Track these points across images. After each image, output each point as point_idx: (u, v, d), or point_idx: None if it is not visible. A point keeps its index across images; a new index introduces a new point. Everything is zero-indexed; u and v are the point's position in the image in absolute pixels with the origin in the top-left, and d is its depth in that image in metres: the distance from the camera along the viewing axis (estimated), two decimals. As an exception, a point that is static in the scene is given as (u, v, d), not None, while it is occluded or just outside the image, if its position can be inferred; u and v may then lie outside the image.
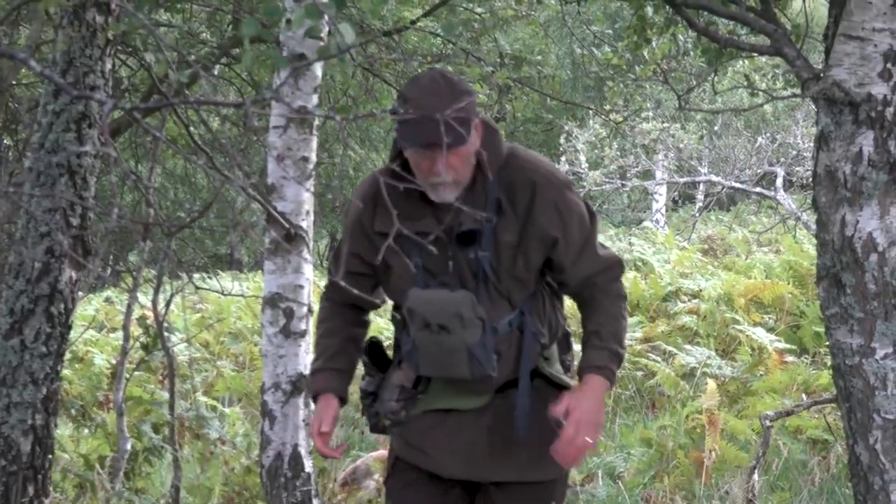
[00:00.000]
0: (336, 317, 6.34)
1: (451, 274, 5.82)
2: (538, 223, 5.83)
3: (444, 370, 5.93)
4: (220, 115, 12.53)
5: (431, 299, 5.78)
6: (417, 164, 5.57)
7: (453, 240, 5.76)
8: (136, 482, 13.01)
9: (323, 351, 6.26)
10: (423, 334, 5.84)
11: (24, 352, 9.20)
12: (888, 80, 6.44)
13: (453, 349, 5.80)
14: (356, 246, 5.97)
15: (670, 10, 8.39)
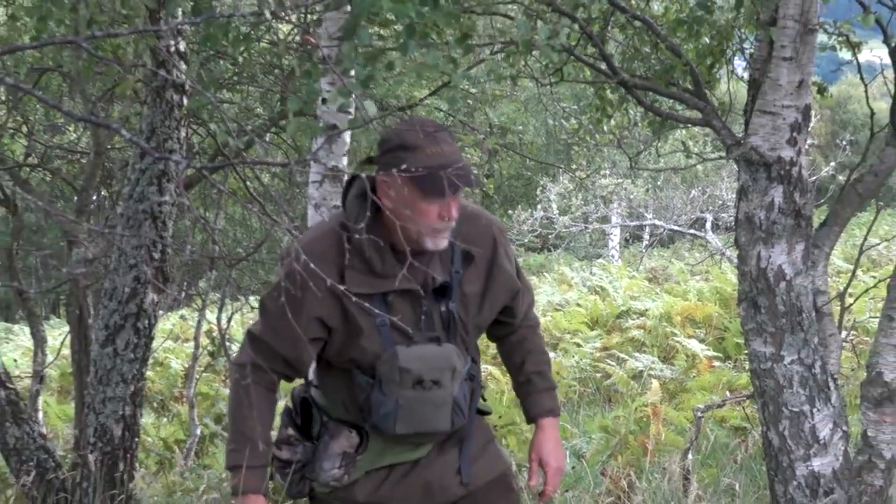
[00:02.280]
0: (263, 401, 4.98)
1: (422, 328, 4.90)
2: (503, 273, 5.10)
3: (427, 426, 4.96)
4: (270, 173, 12.52)
5: (425, 356, 4.85)
6: (424, 212, 4.63)
7: (429, 294, 4.89)
8: (204, 460, 13.01)
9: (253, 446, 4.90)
10: (411, 392, 4.86)
11: (116, 357, 9.21)
12: (794, 145, 6.48)
13: (442, 403, 4.94)
14: (318, 310, 4.80)
15: (624, 91, 8.39)
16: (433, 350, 4.86)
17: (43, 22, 7.66)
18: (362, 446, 5.05)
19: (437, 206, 4.63)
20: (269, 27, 9.98)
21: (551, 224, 37.23)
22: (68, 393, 16.79)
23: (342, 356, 4.93)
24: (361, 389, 4.92)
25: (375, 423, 4.90)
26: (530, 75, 9.72)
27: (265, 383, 4.95)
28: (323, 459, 5.05)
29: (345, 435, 5.05)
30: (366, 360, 4.86)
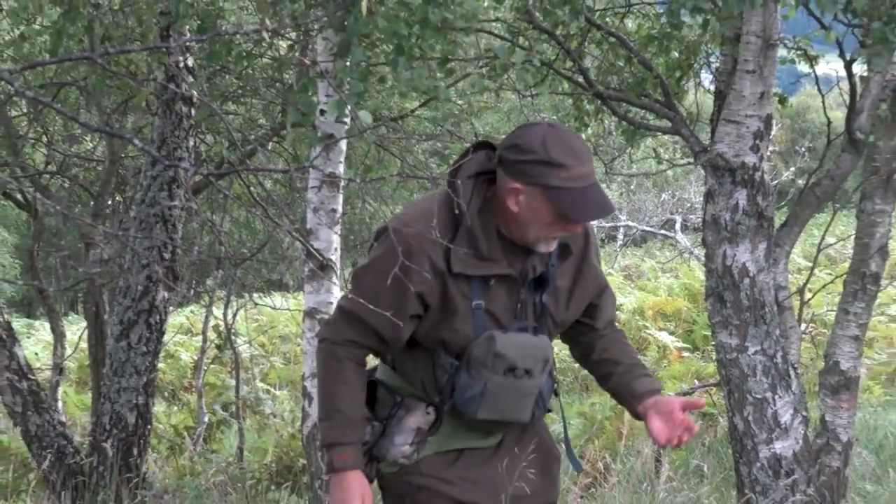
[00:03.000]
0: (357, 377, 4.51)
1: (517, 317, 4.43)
2: (591, 270, 4.66)
3: (509, 414, 4.53)
4: (272, 179, 12.49)
5: (521, 344, 4.40)
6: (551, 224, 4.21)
7: (527, 283, 4.44)
8: (212, 445, 13.02)
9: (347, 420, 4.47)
10: (502, 379, 4.39)
11: (130, 350, 9.22)
12: (756, 152, 6.50)
13: (528, 393, 4.53)
14: (420, 286, 4.30)
15: (599, 102, 8.39)
16: (529, 339, 4.46)
17: (58, 36, 7.64)
18: (436, 426, 4.62)
19: (566, 222, 4.23)
20: (270, 44, 9.98)
21: (532, 226, 37.37)
22: (86, 384, 16.76)
23: (431, 336, 4.47)
24: (444, 371, 4.52)
25: (459, 405, 4.51)
26: (513, 88, 9.71)
27: (357, 358, 4.53)
28: (395, 434, 4.62)
29: (421, 411, 4.61)
30: (456, 341, 4.42)
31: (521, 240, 4.32)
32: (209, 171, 10.53)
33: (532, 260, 4.40)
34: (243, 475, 10.18)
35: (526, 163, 4.14)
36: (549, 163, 4.09)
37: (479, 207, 4.31)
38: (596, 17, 8.47)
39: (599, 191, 4.15)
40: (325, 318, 4.77)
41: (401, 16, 5.60)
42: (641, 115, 8.76)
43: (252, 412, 14.69)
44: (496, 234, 4.32)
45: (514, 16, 8.47)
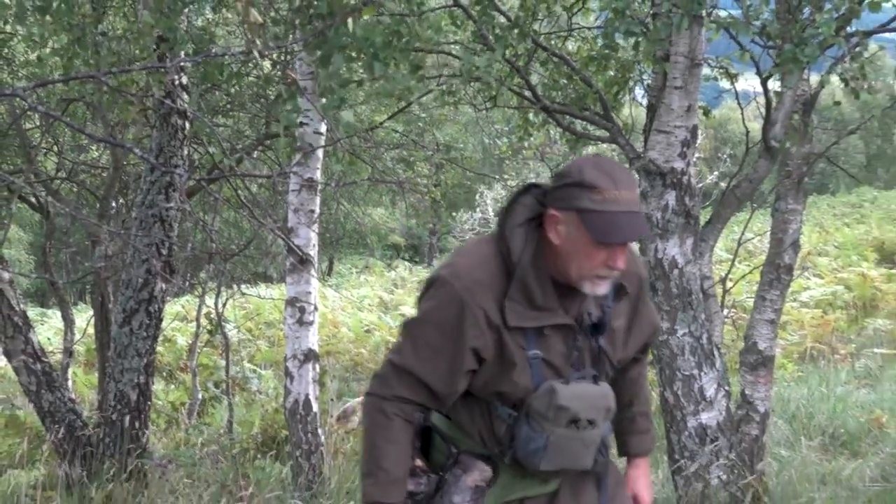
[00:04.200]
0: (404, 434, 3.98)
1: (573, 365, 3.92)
2: (647, 309, 4.21)
3: (571, 464, 4.00)
4: (257, 183, 12.47)
5: (583, 395, 3.89)
6: (590, 255, 3.72)
7: (583, 329, 3.92)
8: (205, 419, 12.99)
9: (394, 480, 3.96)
10: (565, 430, 3.88)
11: (132, 335, 9.20)
12: (684, 158, 6.53)
13: (592, 442, 3.99)
14: (475, 341, 3.80)
15: (545, 115, 8.40)
16: (591, 389, 3.92)
17: (70, 61, 7.70)
18: (493, 479, 4.08)
19: (605, 252, 3.70)
20: (256, 64, 9.97)
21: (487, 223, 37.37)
22: (93, 365, 16.72)
23: (488, 388, 3.94)
24: (502, 422, 3.97)
25: (520, 457, 3.96)
26: (469, 102, 9.72)
27: (406, 415, 3.99)
28: (453, 493, 4.06)
29: (479, 468, 4.06)
30: (515, 393, 3.89)
31: (566, 278, 3.80)
32: (201, 176, 10.56)
33: (587, 305, 3.91)
34: (232, 445, 10.17)
35: (562, 188, 3.74)
36: (581, 184, 3.67)
37: (532, 255, 3.81)
38: (541, 39, 8.47)
39: (633, 217, 3.66)
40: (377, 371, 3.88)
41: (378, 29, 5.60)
42: (583, 126, 8.77)
43: (240, 389, 14.67)
44: (550, 281, 3.82)
45: (470, 38, 8.48)
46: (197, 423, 12.59)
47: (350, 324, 20.42)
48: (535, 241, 3.80)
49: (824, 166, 50.62)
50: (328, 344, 18.22)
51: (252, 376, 15.47)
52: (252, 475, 8.58)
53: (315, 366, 8.38)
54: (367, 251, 40.49)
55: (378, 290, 28.58)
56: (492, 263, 3.83)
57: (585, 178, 3.64)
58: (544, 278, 3.79)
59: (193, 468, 9.03)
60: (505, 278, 3.80)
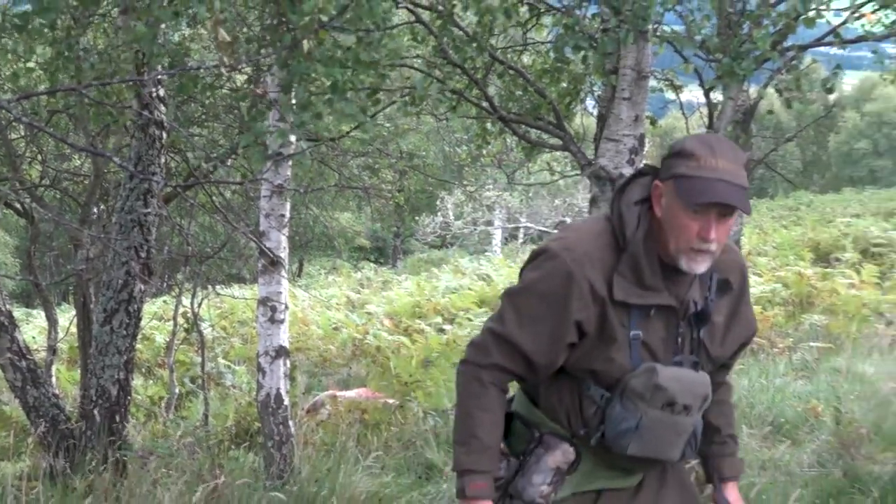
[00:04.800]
0: (499, 404, 3.79)
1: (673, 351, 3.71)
2: (747, 308, 3.92)
3: (660, 451, 3.75)
4: (230, 190, 12.44)
5: (683, 378, 3.66)
6: (685, 226, 3.52)
7: (688, 317, 3.71)
8: (182, 412, 12.95)
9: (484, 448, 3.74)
10: (659, 413, 3.65)
11: (112, 334, 9.17)
12: (632, 165, 6.55)
13: (684, 430, 3.74)
14: (579, 313, 3.62)
15: (502, 124, 8.41)
16: (691, 374, 3.69)
17: (54, 75, 7.68)
18: (575, 464, 3.86)
19: (698, 221, 3.48)
20: (228, 78, 9.96)
21: (448, 227, 37.57)
22: (75, 362, 16.61)
23: (583, 364, 3.72)
24: (593, 402, 3.75)
25: (609, 438, 3.72)
26: (430, 112, 9.72)
27: (502, 385, 3.79)
28: (533, 473, 3.84)
29: (562, 449, 3.83)
30: (610, 371, 3.68)
31: (667, 256, 3.59)
32: (178, 183, 10.54)
33: (693, 293, 3.69)
34: (208, 437, 10.13)
35: (666, 159, 3.61)
36: (681, 153, 3.52)
37: (645, 233, 3.62)
38: (498, 53, 8.48)
39: (727, 185, 3.43)
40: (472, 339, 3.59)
41: (336, 56, 5.59)
42: (537, 135, 8.78)
43: (215, 384, 14.61)
44: (658, 261, 3.63)
45: (431, 52, 8.49)
46: (174, 416, 12.55)
47: (319, 322, 20.37)
48: (648, 220, 3.63)
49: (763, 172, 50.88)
50: (298, 341, 18.18)
51: (226, 372, 15.41)
52: (226, 465, 8.56)
53: (286, 361, 8.38)
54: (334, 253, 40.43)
55: (345, 289, 28.52)
56: (602, 238, 3.67)
57: (685, 148, 3.51)
58: (653, 257, 3.61)
59: (171, 459, 8.99)
60: (615, 253, 3.63)
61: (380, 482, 7.50)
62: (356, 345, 17.99)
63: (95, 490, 7.76)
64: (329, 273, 39.93)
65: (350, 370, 16.30)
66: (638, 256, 3.58)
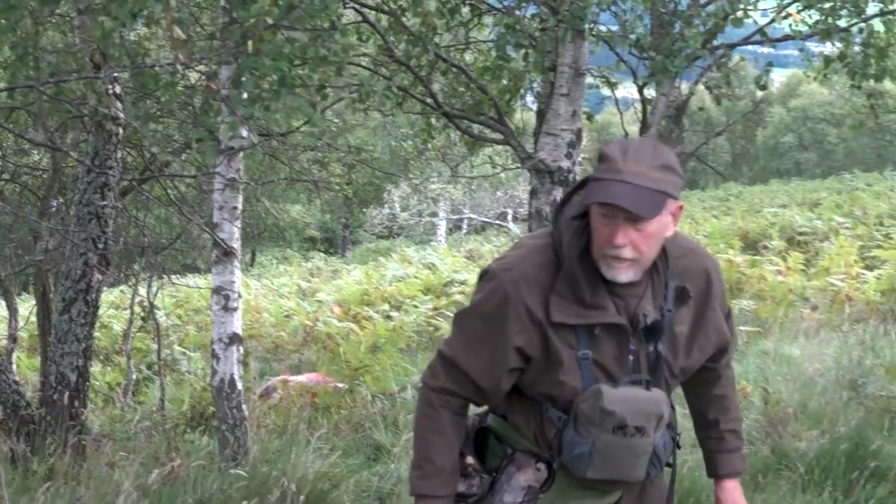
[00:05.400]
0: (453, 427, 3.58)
1: (626, 369, 3.40)
2: (713, 313, 3.56)
3: (621, 474, 3.48)
4: (185, 183, 12.37)
5: (632, 399, 3.37)
6: (597, 231, 3.25)
7: (638, 332, 3.39)
8: (139, 398, 12.89)
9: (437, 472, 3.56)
10: (611, 437, 3.37)
11: (71, 322, 9.09)
12: (570, 158, 6.57)
13: (642, 451, 3.44)
14: (518, 338, 3.37)
15: (446, 120, 8.41)
16: (641, 394, 3.39)
17: (12, 73, 7.62)
18: (548, 483, 3.61)
19: (607, 226, 3.20)
20: (183, 75, 9.91)
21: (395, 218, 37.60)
22: (35, 350, 16.49)
23: (536, 388, 3.48)
24: (552, 424, 3.50)
25: (566, 463, 3.48)
26: (377, 108, 9.70)
27: (454, 408, 3.59)
28: (504, 492, 3.62)
29: (532, 467, 3.60)
30: (562, 395, 3.42)
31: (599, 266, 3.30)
32: (134, 177, 10.48)
33: (645, 305, 3.38)
34: (164, 421, 10.09)
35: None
36: (600, 157, 3.27)
37: (583, 249, 3.33)
38: (442, 51, 8.48)
39: (626, 186, 3.14)
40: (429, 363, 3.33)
41: (286, 51, 5.58)
42: (479, 130, 8.79)
43: (171, 370, 14.54)
44: (601, 277, 3.31)
45: (377, 51, 8.48)
46: (132, 401, 12.48)
47: (271, 310, 20.35)
48: (588, 234, 3.32)
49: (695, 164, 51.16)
50: (251, 328, 18.15)
51: (182, 358, 15.33)
52: (182, 447, 8.53)
53: (239, 348, 8.35)
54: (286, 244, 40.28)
55: (296, 278, 28.51)
56: (542, 256, 3.40)
57: (603, 152, 3.25)
58: (594, 274, 3.30)
59: (128, 442, 8.96)
60: (555, 272, 3.35)
61: (329, 462, 7.48)
62: (307, 331, 17.98)
63: (55, 473, 7.72)
64: (280, 263, 39.91)
65: (301, 356, 16.29)
66: (574, 274, 3.31)
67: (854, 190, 35.37)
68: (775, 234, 22.52)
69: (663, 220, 3.24)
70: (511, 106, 9.07)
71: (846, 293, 14.93)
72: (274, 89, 5.58)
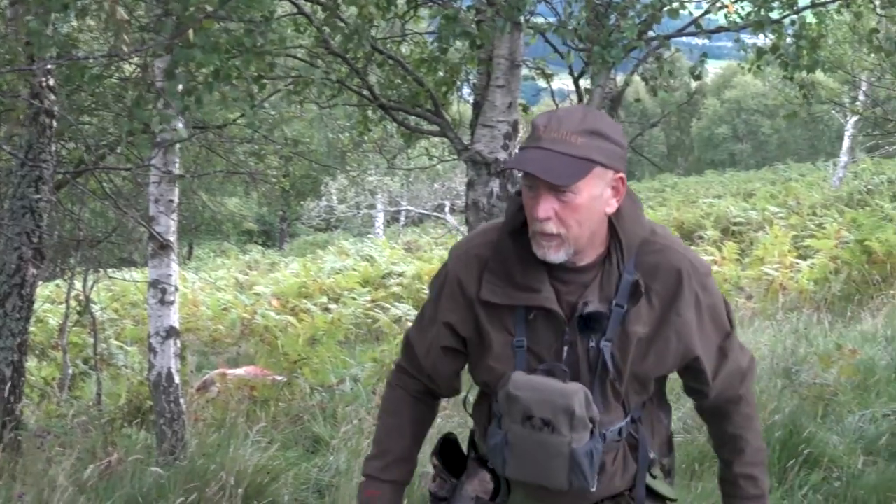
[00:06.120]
0: (406, 408, 3.41)
1: (563, 361, 3.03)
2: (679, 322, 3.06)
3: (538, 476, 3.08)
4: (120, 176, 12.28)
5: (539, 387, 2.99)
6: (526, 203, 2.94)
7: (574, 322, 3.01)
8: (75, 392, 12.78)
9: (382, 453, 3.41)
10: (520, 428, 3.03)
11: (6, 317, 9.00)
12: (506, 150, 6.58)
13: (555, 452, 3.01)
14: (450, 314, 3.17)
15: (382, 112, 8.40)
16: (553, 385, 2.99)
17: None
18: (495, 495, 3.31)
19: (532, 198, 2.89)
20: (117, 68, 9.83)
21: (332, 211, 37.49)
22: (-30, 345, 16.37)
23: (477, 376, 3.23)
24: (480, 416, 3.33)
25: (488, 456, 3.23)
26: (314, 100, 9.67)
27: (411, 390, 3.40)
28: (457, 500, 3.36)
29: (480, 478, 3.33)
30: (489, 381, 3.16)
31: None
32: (68, 170, 10.39)
33: (590, 295, 3.00)
34: (101, 415, 10.00)
35: None
36: (531, 125, 2.95)
37: (518, 227, 3.05)
38: (378, 44, 8.47)
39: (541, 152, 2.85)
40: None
41: (221, 41, 5.54)
42: (416, 122, 8.79)
43: (108, 365, 14.43)
44: (543, 262, 2.98)
45: (314, 43, 8.46)
46: (68, 396, 12.38)
47: (209, 303, 20.31)
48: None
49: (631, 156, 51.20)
50: (188, 321, 18.09)
51: (118, 353, 15.23)
52: (119, 442, 8.47)
53: (176, 341, 8.31)
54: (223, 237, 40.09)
55: (234, 271, 28.45)
56: (491, 234, 3.14)
57: (535, 121, 2.93)
58: (530, 254, 2.98)
59: (65, 437, 8.88)
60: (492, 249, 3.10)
61: (268, 455, 7.46)
62: (245, 324, 17.96)
63: (-9, 468, 7.64)
64: (218, 256, 39.70)
65: (239, 349, 16.27)
66: (505, 252, 3.04)
67: (788, 180, 35.83)
68: (710, 225, 22.77)
69: (593, 192, 2.88)
70: (448, 98, 9.08)
71: (780, 282, 15.10)
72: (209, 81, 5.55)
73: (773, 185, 33.97)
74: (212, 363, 13.93)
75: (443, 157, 14.98)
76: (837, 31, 19.72)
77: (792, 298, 14.61)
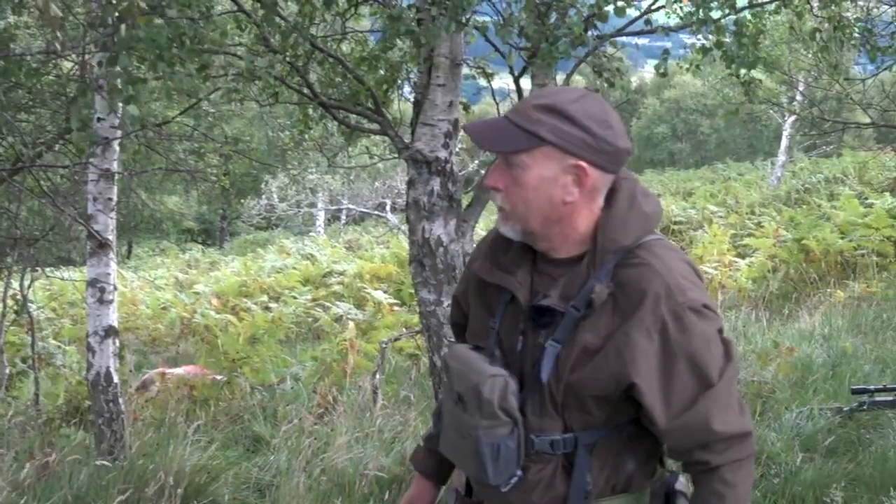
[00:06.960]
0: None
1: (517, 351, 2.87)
2: (624, 342, 2.71)
3: (457, 456, 2.97)
4: (58, 174, 12.18)
5: (464, 360, 2.89)
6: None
7: (528, 310, 2.83)
8: (13, 392, 12.66)
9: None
10: (451, 405, 2.94)
11: (-58, 316, 8.94)
12: (447, 148, 6.58)
13: (466, 432, 2.84)
14: (459, 288, 3.22)
15: (322, 110, 8.38)
16: (476, 361, 2.86)
17: None
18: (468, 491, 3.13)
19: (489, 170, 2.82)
20: (55, 64, 9.74)
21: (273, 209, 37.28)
22: None
23: None
24: None
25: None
26: (254, 98, 9.63)
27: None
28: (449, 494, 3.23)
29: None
30: None
31: None
32: (5, 168, 10.29)
33: (552, 289, 2.81)
34: (39, 415, 9.94)
35: None
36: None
37: None
38: (318, 41, 8.44)
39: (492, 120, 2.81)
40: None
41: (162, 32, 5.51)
42: (357, 120, 8.77)
43: (46, 364, 14.34)
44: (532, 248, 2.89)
45: (253, 40, 8.43)
46: (5, 396, 12.27)
47: (148, 302, 20.24)
48: None
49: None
50: (127, 321, 18.02)
51: (57, 352, 15.13)
52: (57, 442, 8.40)
53: (115, 341, 8.26)
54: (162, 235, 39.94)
55: (174, 270, 28.37)
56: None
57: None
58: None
59: (2, 437, 8.79)
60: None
61: (208, 455, 7.44)
62: (184, 323, 17.90)
63: (-74, 470, 7.55)
64: (157, 255, 39.54)
65: (179, 348, 16.20)
66: (497, 230, 2.92)
67: (727, 180, 36.07)
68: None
69: (543, 173, 2.72)
70: (388, 96, 9.06)
71: (719, 281, 15.20)
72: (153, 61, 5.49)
73: (712, 185, 34.22)
74: (151, 362, 13.87)
75: (383, 155, 14.96)
76: (774, 32, 19.91)
77: (731, 297, 14.74)
